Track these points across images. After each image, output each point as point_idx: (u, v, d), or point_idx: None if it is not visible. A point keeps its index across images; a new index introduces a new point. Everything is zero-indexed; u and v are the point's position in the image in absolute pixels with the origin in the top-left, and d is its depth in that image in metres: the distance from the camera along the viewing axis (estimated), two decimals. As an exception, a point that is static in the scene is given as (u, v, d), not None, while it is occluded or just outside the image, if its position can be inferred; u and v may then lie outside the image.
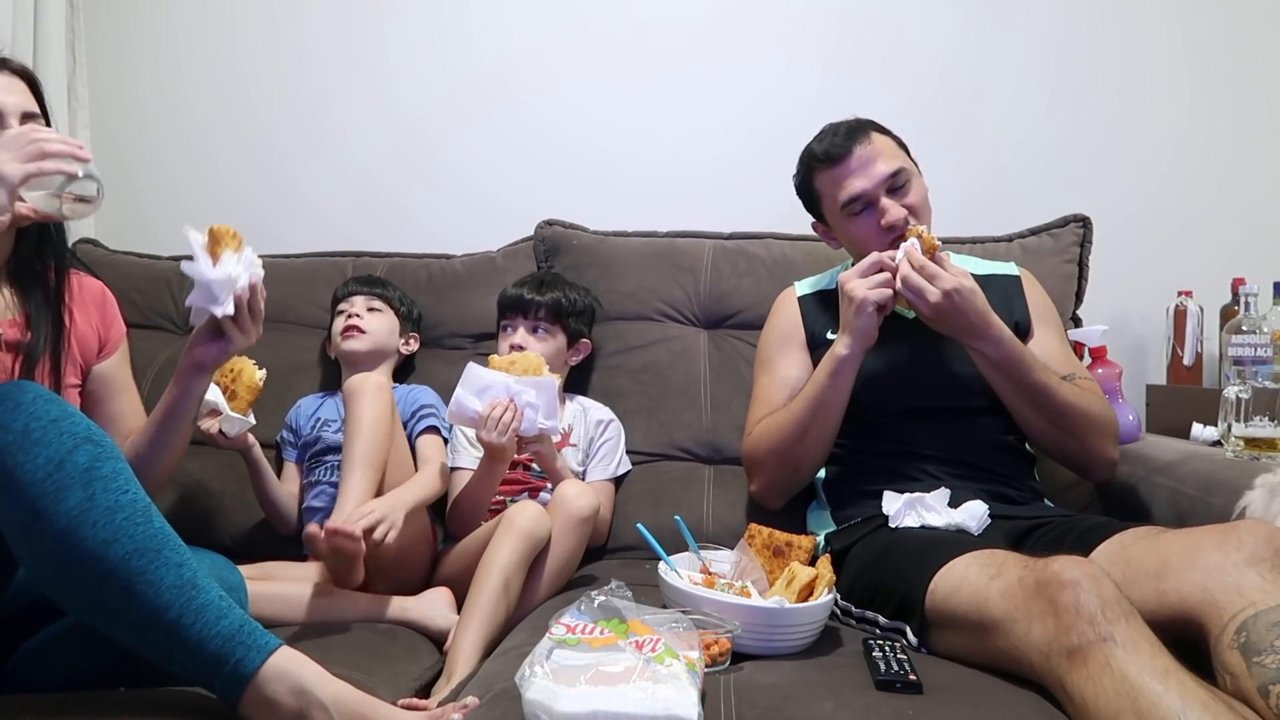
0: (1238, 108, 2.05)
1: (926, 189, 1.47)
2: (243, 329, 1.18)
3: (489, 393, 1.44)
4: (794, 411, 1.41)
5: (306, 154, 2.19)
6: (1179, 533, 1.07)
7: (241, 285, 1.15)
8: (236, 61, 2.21)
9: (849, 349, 1.35)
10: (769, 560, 1.22)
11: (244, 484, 1.63)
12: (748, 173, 2.08)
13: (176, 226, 2.14)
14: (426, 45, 2.17)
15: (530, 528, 1.33)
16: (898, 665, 0.99)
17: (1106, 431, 1.40)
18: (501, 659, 1.09)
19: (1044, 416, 1.37)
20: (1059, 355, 1.47)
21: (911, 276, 1.30)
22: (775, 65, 2.10)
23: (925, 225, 1.41)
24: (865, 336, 1.35)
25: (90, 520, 0.90)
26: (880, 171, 1.42)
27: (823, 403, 1.38)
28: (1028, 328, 1.50)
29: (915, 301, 1.32)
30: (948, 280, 1.30)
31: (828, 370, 1.37)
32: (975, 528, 1.24)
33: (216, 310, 1.14)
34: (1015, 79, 2.08)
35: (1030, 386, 1.34)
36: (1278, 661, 0.85)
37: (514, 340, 1.65)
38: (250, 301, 1.18)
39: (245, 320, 1.18)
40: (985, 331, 1.32)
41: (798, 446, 1.42)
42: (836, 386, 1.37)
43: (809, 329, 1.55)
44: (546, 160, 2.14)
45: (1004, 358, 1.33)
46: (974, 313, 1.31)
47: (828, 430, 1.41)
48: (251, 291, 1.17)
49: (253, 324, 1.19)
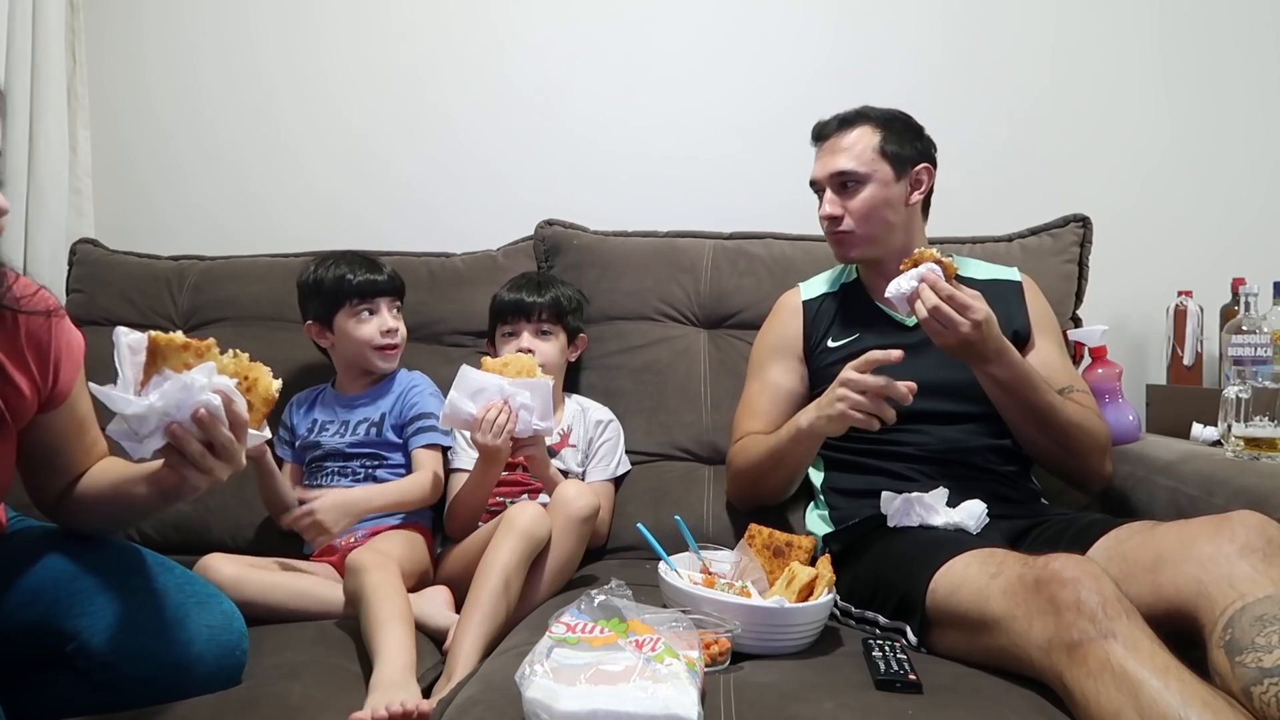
0: (1238, 107, 2.05)
1: (892, 199, 1.46)
2: (199, 468, 0.88)
3: (483, 395, 1.44)
4: (759, 453, 1.45)
5: (315, 149, 2.19)
6: (1173, 525, 1.07)
7: (178, 418, 0.85)
8: (246, 57, 2.20)
9: (809, 425, 1.33)
10: (769, 560, 1.22)
11: (244, 483, 1.62)
12: (748, 170, 2.09)
13: (185, 224, 2.20)
14: (437, 41, 2.16)
15: (530, 528, 1.33)
16: (897, 665, 0.99)
17: (1103, 448, 1.42)
18: (502, 658, 1.09)
19: (1046, 435, 1.37)
20: (1058, 366, 1.48)
21: (943, 308, 1.25)
22: (773, 64, 2.10)
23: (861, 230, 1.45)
24: (831, 429, 1.31)
25: None
26: (832, 165, 1.47)
27: (782, 459, 1.42)
28: (1027, 336, 1.49)
29: (942, 333, 1.27)
30: (979, 311, 1.26)
31: (791, 434, 1.37)
32: (974, 527, 1.24)
33: (132, 452, 0.87)
34: (1015, 78, 2.08)
35: (1035, 407, 1.34)
36: (1258, 661, 0.85)
37: (522, 345, 1.64)
38: (209, 435, 0.87)
39: (198, 458, 0.87)
40: (1000, 356, 1.31)
41: (759, 482, 1.49)
42: (796, 453, 1.40)
43: (809, 334, 1.55)
44: (553, 155, 2.14)
45: (1013, 379, 1.32)
46: (994, 339, 1.29)
47: (784, 479, 1.47)
48: (203, 425, 0.86)
49: (217, 460, 0.88)
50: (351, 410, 1.64)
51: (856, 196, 1.46)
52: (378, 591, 1.24)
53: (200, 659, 1.02)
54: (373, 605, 1.21)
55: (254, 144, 2.20)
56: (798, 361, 1.55)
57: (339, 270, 1.62)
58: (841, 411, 1.26)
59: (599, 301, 1.83)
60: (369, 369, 1.65)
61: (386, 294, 1.64)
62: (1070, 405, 1.38)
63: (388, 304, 1.63)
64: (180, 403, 0.85)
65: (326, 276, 1.63)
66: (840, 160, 1.46)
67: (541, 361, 1.58)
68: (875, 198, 1.46)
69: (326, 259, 1.66)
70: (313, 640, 1.22)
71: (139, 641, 1.00)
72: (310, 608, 1.35)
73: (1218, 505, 1.22)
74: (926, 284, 1.27)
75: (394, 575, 1.29)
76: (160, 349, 0.87)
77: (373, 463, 1.61)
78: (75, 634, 0.98)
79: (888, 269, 1.49)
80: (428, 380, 1.68)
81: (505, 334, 1.68)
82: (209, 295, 1.89)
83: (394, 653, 1.13)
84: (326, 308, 1.63)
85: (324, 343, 1.67)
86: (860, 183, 1.45)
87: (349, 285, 1.61)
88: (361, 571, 1.28)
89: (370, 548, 1.39)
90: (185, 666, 1.01)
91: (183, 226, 2.20)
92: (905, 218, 1.49)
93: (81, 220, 2.15)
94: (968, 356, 1.31)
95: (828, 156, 1.49)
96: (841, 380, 1.27)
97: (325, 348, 1.69)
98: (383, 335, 1.61)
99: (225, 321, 1.87)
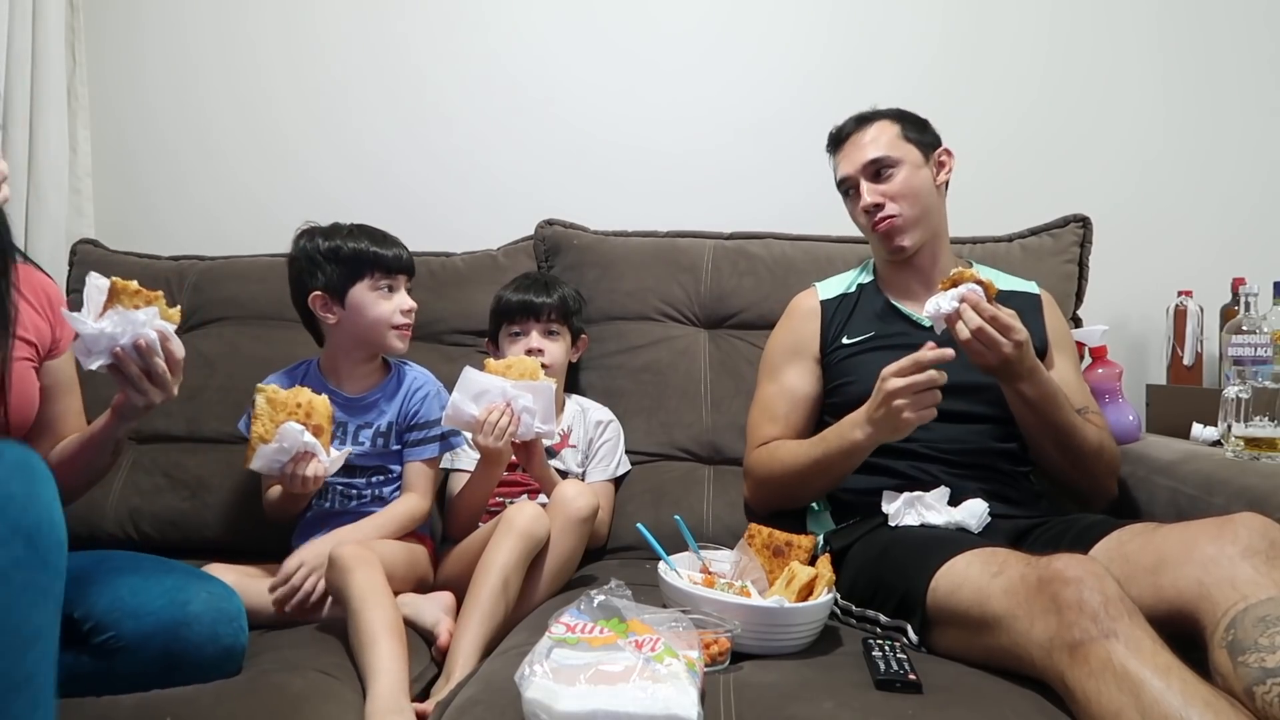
0: (1237, 107, 2.05)
1: (925, 181, 1.47)
2: (136, 389, 1.13)
3: (485, 397, 1.44)
4: (799, 461, 1.41)
5: (319, 147, 2.18)
6: (1175, 527, 1.07)
7: (123, 344, 1.11)
8: (246, 57, 2.20)
9: (868, 439, 1.31)
10: (769, 560, 1.22)
11: (243, 483, 1.62)
12: (748, 167, 2.09)
13: (185, 224, 2.19)
14: (437, 41, 2.16)
15: (529, 528, 1.33)
16: (897, 665, 0.99)
17: (1114, 470, 1.43)
18: (501, 658, 1.09)
19: (1062, 453, 1.37)
20: (1074, 385, 1.48)
21: (986, 329, 1.24)
22: (770, 62, 2.11)
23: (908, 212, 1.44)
24: (893, 437, 1.29)
25: None
26: (862, 157, 1.47)
27: (827, 469, 1.38)
28: (1045, 353, 1.49)
29: (984, 354, 1.26)
30: (1021, 332, 1.25)
31: (843, 448, 1.34)
32: (975, 526, 1.24)
33: (84, 363, 1.12)
34: (1015, 77, 2.08)
35: (1058, 425, 1.34)
36: (1260, 661, 0.85)
37: (531, 345, 1.63)
38: (145, 363, 1.12)
39: (135, 379, 1.12)
40: (1033, 374, 1.30)
41: (796, 489, 1.46)
42: (845, 465, 1.37)
43: (825, 335, 1.55)
44: (553, 155, 2.14)
45: (1041, 397, 1.32)
46: (1029, 357, 1.29)
47: (827, 486, 1.44)
48: (141, 352, 1.11)
49: (151, 385, 1.13)
50: (352, 413, 1.53)
51: (894, 180, 1.46)
52: (365, 599, 1.19)
53: (199, 619, 1.05)
54: (360, 616, 1.17)
55: (254, 144, 2.20)
56: (814, 363, 1.54)
57: (359, 242, 1.51)
58: (907, 420, 1.23)
59: (599, 301, 1.83)
60: (379, 349, 1.55)
61: (408, 273, 1.56)
62: (1089, 427, 1.38)
63: (405, 283, 1.55)
64: (125, 331, 1.11)
65: (346, 246, 1.50)
66: (869, 150, 1.47)
67: (549, 362, 1.59)
68: (911, 180, 1.46)
69: (334, 230, 1.54)
70: (309, 640, 1.22)
71: (139, 601, 1.04)
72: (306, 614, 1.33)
73: (1217, 505, 1.22)
74: (968, 304, 1.25)
75: (379, 575, 1.24)
76: (117, 291, 1.12)
77: (379, 478, 1.53)
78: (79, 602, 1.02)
79: (920, 262, 1.50)
80: (434, 382, 1.60)
81: (512, 334, 1.67)
82: (209, 295, 1.89)
83: (386, 675, 1.10)
84: (343, 279, 1.50)
85: (330, 317, 1.51)
86: (893, 166, 1.46)
87: (376, 258, 1.50)
88: (346, 570, 1.23)
89: (356, 542, 1.34)
90: (184, 624, 1.04)
91: (183, 226, 2.20)
92: (937, 201, 1.51)
93: (81, 220, 2.15)
94: (1003, 375, 1.30)
95: (853, 152, 1.50)
96: (891, 392, 1.23)
97: (324, 324, 1.54)
98: (403, 315, 1.52)
99: (225, 321, 1.86)
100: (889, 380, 1.24)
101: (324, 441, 1.38)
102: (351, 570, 1.23)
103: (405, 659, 1.15)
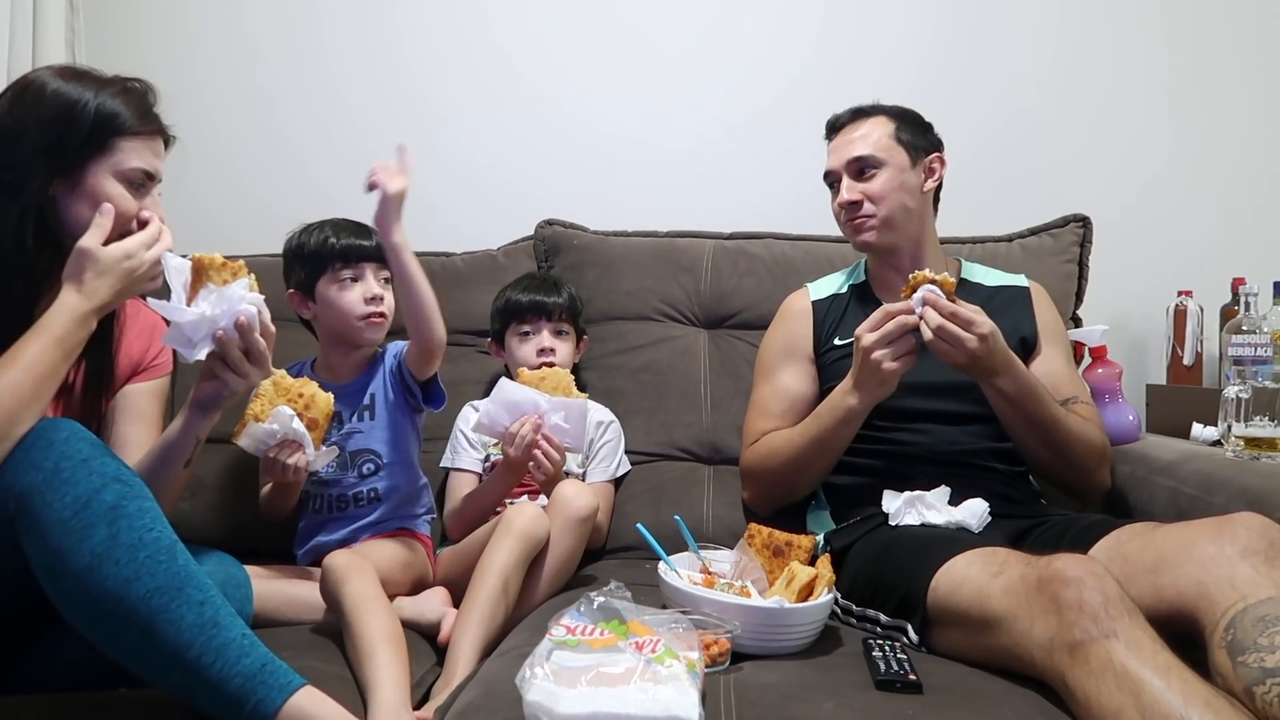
0: (1238, 107, 2.05)
1: (908, 185, 1.46)
2: (237, 371, 1.07)
3: (519, 409, 1.44)
4: (795, 444, 1.41)
5: (316, 149, 2.18)
6: (1174, 527, 1.07)
7: (223, 325, 1.04)
8: (246, 57, 2.20)
9: (861, 403, 1.32)
10: (769, 560, 1.21)
11: (244, 483, 1.62)
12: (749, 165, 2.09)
13: (186, 224, 2.16)
14: (437, 41, 2.16)
15: (529, 528, 1.33)
16: (897, 665, 0.99)
17: (1104, 461, 1.42)
18: (501, 660, 1.09)
19: (1047, 447, 1.37)
20: (1064, 375, 1.48)
21: (947, 326, 1.24)
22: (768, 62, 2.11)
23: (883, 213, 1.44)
24: (881, 393, 1.31)
25: (113, 558, 0.89)
26: (848, 153, 1.48)
27: (826, 444, 1.38)
28: (1034, 344, 1.49)
29: (950, 352, 1.25)
30: (984, 325, 1.25)
31: (837, 418, 1.35)
32: (976, 525, 1.24)
33: (187, 355, 1.04)
34: (1015, 77, 2.08)
35: (1039, 419, 1.34)
36: (1260, 660, 0.85)
37: (544, 344, 1.64)
38: (246, 342, 1.06)
39: (237, 362, 1.07)
40: (1006, 368, 1.30)
41: (796, 475, 1.45)
42: (842, 435, 1.37)
43: (818, 335, 1.55)
44: (553, 154, 2.14)
45: (1019, 391, 1.32)
46: (1000, 351, 1.29)
47: (827, 464, 1.43)
48: (242, 331, 1.05)
49: (251, 366, 1.08)
50: (347, 403, 1.51)
51: (874, 181, 1.46)
52: (360, 609, 1.17)
53: None
54: (357, 627, 1.15)
55: (254, 144, 2.20)
56: (808, 363, 1.54)
57: (323, 234, 1.50)
58: (890, 369, 1.26)
59: (599, 301, 1.83)
60: (354, 342, 1.52)
61: (373, 260, 1.49)
62: (1073, 418, 1.38)
63: (374, 270, 1.50)
64: (225, 310, 1.04)
65: (309, 241, 1.51)
66: (857, 147, 1.47)
67: (560, 361, 1.59)
68: (892, 182, 1.46)
69: (313, 225, 1.54)
70: (309, 644, 1.21)
71: None
72: (305, 616, 1.33)
73: (1217, 505, 1.22)
74: (927, 304, 1.25)
75: (373, 584, 1.23)
76: (204, 267, 1.06)
77: (371, 465, 1.53)
78: None
79: (900, 263, 1.49)
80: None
81: (522, 334, 1.68)
82: (209, 295, 1.89)
83: (386, 688, 1.07)
84: (309, 274, 1.50)
85: (305, 313, 1.54)
86: (877, 167, 1.46)
87: (332, 249, 1.48)
88: (340, 581, 1.21)
89: (350, 550, 1.34)
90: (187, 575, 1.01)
91: (182, 226, 2.18)
92: (920, 206, 1.50)
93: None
94: (976, 372, 1.30)
95: (843, 146, 1.50)
96: (867, 347, 1.27)
97: (309, 321, 1.56)
98: (366, 303, 1.47)
99: (225, 321, 1.86)
100: (864, 337, 1.28)
101: (315, 436, 1.34)
102: (345, 580, 1.22)
103: (405, 669, 1.12)
